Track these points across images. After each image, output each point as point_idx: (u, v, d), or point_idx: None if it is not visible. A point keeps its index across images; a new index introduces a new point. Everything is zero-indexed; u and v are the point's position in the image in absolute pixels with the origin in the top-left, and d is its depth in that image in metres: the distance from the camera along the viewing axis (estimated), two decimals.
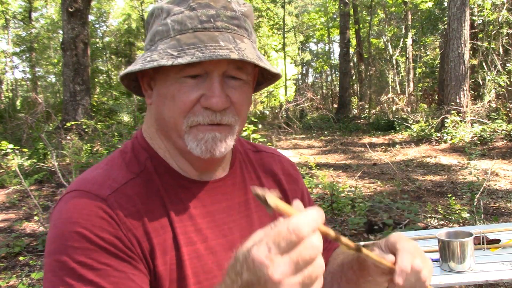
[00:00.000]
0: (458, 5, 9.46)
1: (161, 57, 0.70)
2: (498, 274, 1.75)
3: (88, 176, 0.76)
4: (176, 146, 0.79)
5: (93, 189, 0.72)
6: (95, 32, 24.15)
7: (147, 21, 0.81)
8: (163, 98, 0.76)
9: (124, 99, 12.67)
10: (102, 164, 0.80)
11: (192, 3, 0.73)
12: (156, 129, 0.81)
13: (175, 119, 0.75)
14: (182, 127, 0.75)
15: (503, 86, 10.53)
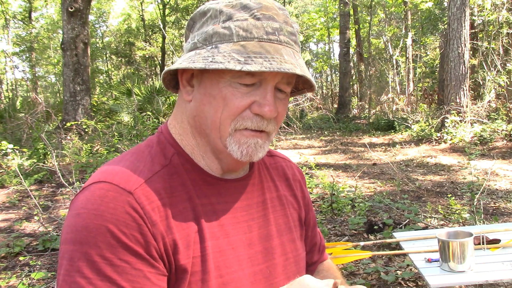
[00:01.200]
0: (458, 5, 9.46)
1: (226, 60, 0.71)
2: (498, 274, 1.75)
3: (114, 168, 0.76)
4: (212, 145, 0.80)
5: (121, 182, 0.72)
6: (95, 32, 24.16)
7: (195, 18, 0.81)
8: (210, 98, 0.76)
9: (124, 99, 12.67)
10: (127, 156, 0.80)
11: (257, 13, 0.75)
12: (191, 126, 0.82)
13: (222, 120, 0.76)
14: (228, 129, 0.77)
15: (503, 86, 10.53)
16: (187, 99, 0.81)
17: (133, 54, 23.54)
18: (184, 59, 0.76)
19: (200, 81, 0.78)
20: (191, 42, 0.79)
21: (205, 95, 0.77)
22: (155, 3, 22.76)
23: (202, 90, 0.78)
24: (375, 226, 4.04)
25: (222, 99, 0.75)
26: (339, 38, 18.02)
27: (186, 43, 0.82)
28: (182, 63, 0.75)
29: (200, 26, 0.79)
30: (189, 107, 0.81)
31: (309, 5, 29.02)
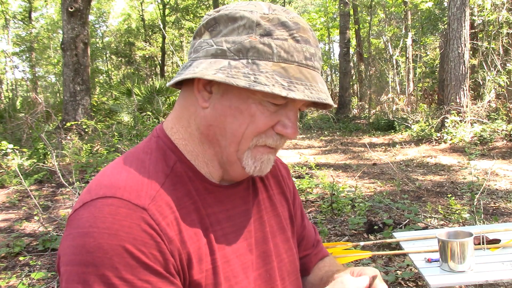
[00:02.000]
0: (458, 5, 9.46)
1: (271, 83, 0.68)
2: (498, 274, 1.75)
3: (118, 181, 0.70)
4: (224, 156, 0.77)
5: (132, 197, 0.67)
6: (95, 32, 24.16)
7: (220, 20, 0.75)
8: (236, 112, 0.73)
9: (124, 99, 12.68)
10: (127, 166, 0.74)
11: (296, 34, 0.72)
12: (200, 132, 0.77)
13: (245, 135, 0.74)
14: (248, 145, 0.76)
15: (503, 86, 10.53)
16: (202, 105, 0.75)
17: (133, 54, 23.55)
18: (214, 68, 0.71)
19: (224, 91, 0.74)
20: (217, 47, 0.73)
21: (229, 107, 0.74)
22: (155, 3, 22.77)
23: (226, 102, 0.74)
24: (375, 226, 4.04)
25: (250, 115, 0.73)
26: (339, 38, 18.02)
27: (201, 42, 0.76)
28: (217, 74, 0.69)
29: (229, 32, 0.73)
30: (203, 113, 0.76)
31: (309, 5, 29.02)
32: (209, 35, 0.75)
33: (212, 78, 0.69)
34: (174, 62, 24.54)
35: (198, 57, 0.74)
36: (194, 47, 0.77)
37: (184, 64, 0.78)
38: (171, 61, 25.09)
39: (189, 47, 0.81)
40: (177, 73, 0.78)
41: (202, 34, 0.76)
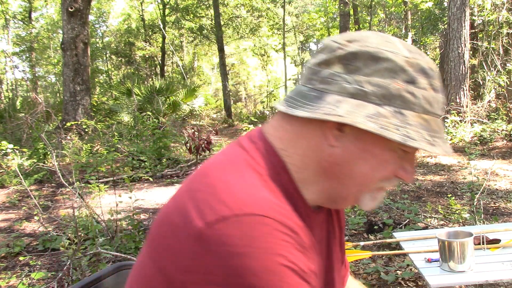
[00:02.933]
0: (458, 5, 9.46)
1: (419, 137, 0.67)
2: (498, 274, 1.75)
3: (255, 196, 0.65)
4: (340, 192, 0.75)
5: (283, 218, 0.64)
6: (95, 32, 24.16)
7: (360, 57, 0.69)
8: (369, 156, 0.71)
9: (124, 99, 12.68)
10: (247, 177, 0.69)
11: (434, 83, 0.70)
12: (321, 167, 0.73)
13: (372, 179, 0.73)
14: (372, 187, 0.75)
15: (503, 86, 10.53)
16: (332, 144, 0.71)
17: (133, 54, 23.55)
18: (362, 114, 0.67)
19: (359, 134, 0.70)
20: (358, 86, 0.68)
21: (363, 150, 0.71)
22: (155, 3, 22.77)
23: (360, 145, 0.70)
24: (375, 226, 4.04)
25: (382, 161, 0.71)
26: None
27: (332, 73, 0.70)
28: (368, 123, 0.66)
29: (371, 73, 0.68)
30: (329, 151, 0.72)
31: (309, 5, 29.01)
32: (344, 69, 0.69)
33: (365, 128, 0.66)
34: (174, 62, 24.53)
35: (330, 91, 0.69)
36: (322, 76, 0.71)
37: (301, 88, 0.73)
38: (171, 61, 25.08)
39: (306, 70, 0.75)
40: (297, 100, 0.73)
41: (332, 65, 0.71)
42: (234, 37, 22.29)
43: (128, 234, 3.75)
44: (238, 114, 20.70)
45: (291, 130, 0.74)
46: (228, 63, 23.43)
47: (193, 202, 0.64)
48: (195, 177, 0.71)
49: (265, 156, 0.73)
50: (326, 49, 0.73)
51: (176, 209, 0.66)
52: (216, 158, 0.75)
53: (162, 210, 0.70)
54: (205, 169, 0.72)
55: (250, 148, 0.73)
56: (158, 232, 0.67)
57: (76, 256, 3.21)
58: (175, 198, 0.70)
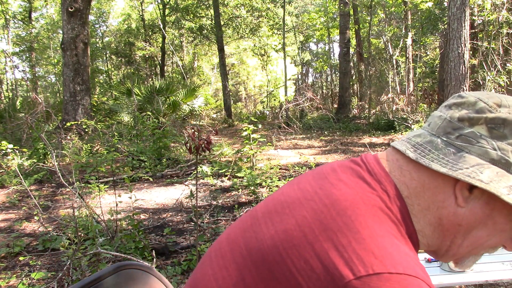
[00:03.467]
0: (458, 5, 9.47)
1: None
2: (498, 274, 1.75)
3: (406, 255, 0.63)
4: (451, 251, 0.75)
5: (428, 280, 0.63)
6: (95, 32, 24.17)
7: (509, 125, 0.68)
8: (490, 223, 0.70)
9: (124, 99, 12.68)
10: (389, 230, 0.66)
11: None
12: (440, 224, 0.72)
13: (485, 245, 0.72)
14: (480, 252, 0.75)
15: (503, 86, 10.53)
16: (460, 204, 0.69)
17: (133, 54, 23.55)
18: (504, 184, 0.65)
19: (489, 199, 0.68)
20: (502, 155, 0.67)
21: (488, 216, 0.69)
22: (155, 3, 22.77)
23: (487, 211, 0.69)
24: None
25: (500, 230, 0.70)
26: (339, 38, 18.03)
27: (474, 133, 0.69)
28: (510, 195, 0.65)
29: None
30: (454, 210, 0.70)
31: (309, 5, 29.02)
32: (488, 132, 0.68)
33: (508, 201, 0.64)
34: (174, 62, 24.53)
35: (469, 151, 0.68)
36: (463, 133, 0.69)
37: (434, 139, 0.72)
38: (171, 61, 25.08)
39: (441, 120, 0.73)
40: (429, 150, 0.71)
41: (476, 124, 0.69)
42: (234, 37, 22.29)
43: (128, 234, 3.75)
44: (238, 114, 20.71)
45: (418, 179, 0.71)
46: (228, 63, 23.45)
47: (335, 245, 0.61)
48: (325, 209, 0.66)
49: (394, 202, 0.69)
50: (469, 105, 0.71)
51: (309, 244, 0.62)
52: (341, 188, 0.70)
53: (282, 235, 0.66)
54: (335, 201, 0.67)
55: (377, 188, 0.70)
56: (280, 261, 0.63)
57: (76, 256, 3.21)
58: (301, 227, 0.65)
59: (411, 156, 0.71)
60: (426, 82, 17.14)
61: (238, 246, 0.70)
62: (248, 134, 6.95)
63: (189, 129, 8.34)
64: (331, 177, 0.73)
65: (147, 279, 1.09)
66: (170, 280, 3.10)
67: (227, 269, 0.69)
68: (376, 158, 0.76)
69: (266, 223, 0.70)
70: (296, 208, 0.69)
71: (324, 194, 0.69)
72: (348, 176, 0.72)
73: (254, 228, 0.71)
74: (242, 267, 0.67)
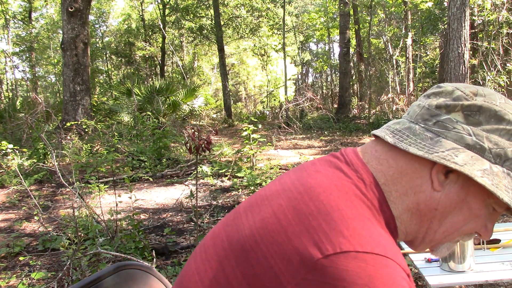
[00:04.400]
0: (458, 5, 9.46)
1: None
2: (498, 274, 1.75)
3: (373, 235, 0.64)
4: (427, 237, 0.76)
5: (401, 262, 0.64)
6: (95, 32, 24.17)
7: (484, 112, 0.71)
8: (465, 207, 0.72)
9: (124, 99, 12.68)
10: (357, 210, 0.67)
11: None
12: (418, 209, 0.73)
13: (460, 230, 0.74)
14: (456, 238, 0.75)
15: (503, 86, 10.53)
16: (436, 188, 0.71)
17: (133, 54, 23.55)
18: (478, 168, 0.67)
19: (464, 183, 0.70)
20: (477, 140, 0.69)
21: (463, 201, 0.71)
22: (155, 3, 22.77)
23: (462, 195, 0.71)
24: None
25: (475, 215, 0.72)
26: (339, 38, 18.03)
27: (450, 119, 0.71)
28: (483, 178, 0.67)
29: (491, 130, 0.69)
30: (431, 194, 0.72)
31: (309, 5, 29.02)
32: (464, 119, 0.70)
33: (481, 182, 0.66)
34: (174, 62, 24.53)
35: (447, 136, 0.70)
36: (440, 120, 0.72)
37: (412, 125, 0.74)
38: (171, 61, 25.08)
39: (420, 108, 0.75)
40: (407, 135, 0.72)
41: (452, 111, 0.71)
42: (234, 37, 22.29)
43: (128, 234, 3.75)
44: (238, 114, 20.70)
45: (395, 166, 0.73)
46: (228, 63, 23.44)
47: (306, 228, 0.62)
48: (299, 196, 0.68)
49: (370, 189, 0.71)
50: (447, 94, 0.74)
51: (283, 229, 0.64)
52: (316, 178, 0.72)
53: (258, 224, 0.67)
54: (310, 188, 0.69)
55: (353, 176, 0.71)
56: (256, 248, 0.64)
57: (76, 256, 3.21)
58: (276, 215, 0.67)
59: (390, 140, 0.73)
60: (426, 82, 17.13)
61: (220, 239, 0.72)
62: (248, 134, 6.95)
63: (189, 129, 8.34)
64: (309, 169, 0.75)
65: (147, 279, 1.09)
66: (170, 280, 3.10)
67: (209, 262, 0.70)
68: (354, 151, 0.78)
69: (247, 215, 0.72)
70: (274, 199, 0.70)
71: (300, 183, 0.71)
72: (326, 168, 0.74)
73: (236, 222, 0.73)
74: (223, 258, 0.68)
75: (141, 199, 5.77)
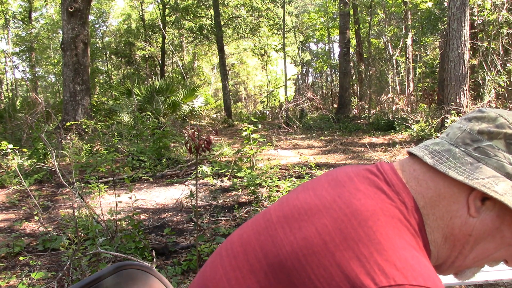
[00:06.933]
0: (458, 5, 9.46)
1: None
2: (498, 274, 1.75)
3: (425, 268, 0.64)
4: (456, 262, 0.77)
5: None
6: (95, 32, 24.16)
7: None
8: (497, 235, 0.72)
9: (124, 99, 12.68)
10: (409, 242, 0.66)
11: None
12: (452, 234, 0.73)
13: (490, 257, 0.74)
14: (484, 265, 0.76)
15: (503, 86, 10.53)
16: (472, 215, 0.71)
17: (133, 54, 23.55)
18: None
19: (500, 212, 0.70)
20: None
21: (497, 229, 0.71)
22: (155, 3, 22.77)
23: (497, 223, 0.71)
24: None
25: (508, 244, 0.72)
26: (339, 38, 18.03)
27: (492, 146, 0.71)
28: None
29: None
30: (466, 220, 0.71)
31: (309, 5, 29.02)
32: (506, 147, 0.70)
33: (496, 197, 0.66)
34: (174, 62, 24.53)
35: (486, 163, 0.69)
36: (481, 145, 0.71)
37: (452, 148, 0.73)
38: (171, 61, 25.08)
39: (461, 131, 0.74)
40: (447, 158, 0.72)
41: (495, 138, 0.71)
42: (234, 37, 22.29)
43: (128, 234, 3.75)
44: (238, 114, 20.71)
45: (434, 188, 0.72)
46: (228, 63, 23.44)
47: (356, 255, 0.61)
48: (345, 218, 0.66)
49: (412, 214, 0.70)
50: (489, 120, 0.73)
51: (330, 253, 0.62)
52: (360, 198, 0.70)
53: (301, 242, 0.65)
54: (356, 211, 0.67)
55: (395, 199, 0.70)
56: (299, 267, 0.63)
57: (76, 256, 3.21)
58: (321, 235, 0.65)
59: (429, 162, 0.72)
60: (426, 82, 17.13)
61: (253, 248, 0.70)
62: (248, 134, 6.95)
63: (189, 129, 8.34)
64: (349, 186, 0.73)
65: (147, 279, 1.09)
66: (170, 280, 3.10)
67: (240, 270, 0.69)
68: (392, 168, 0.76)
69: (284, 228, 0.70)
70: (315, 215, 0.68)
71: (343, 203, 0.69)
72: (366, 186, 0.72)
73: (270, 232, 0.71)
74: (257, 270, 0.66)
75: (141, 199, 5.77)
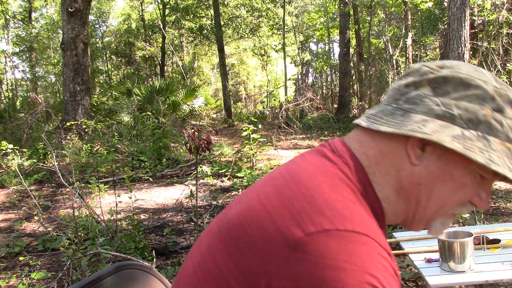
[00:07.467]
0: (458, 5, 9.46)
1: (502, 163, 0.68)
2: (498, 274, 1.75)
3: (355, 214, 0.65)
4: (417, 215, 0.75)
5: (381, 241, 0.64)
6: (95, 32, 24.16)
7: (450, 81, 0.71)
8: (448, 178, 0.71)
9: (124, 99, 12.68)
10: (342, 193, 0.68)
11: None
12: (402, 187, 0.74)
13: (449, 202, 0.73)
14: (448, 212, 0.75)
15: None
16: (414, 163, 0.72)
17: (133, 54, 23.55)
18: (448, 134, 0.68)
19: (441, 154, 0.71)
20: (445, 109, 0.70)
21: (444, 171, 0.71)
22: (155, 3, 22.77)
23: (442, 165, 0.71)
24: None
25: (462, 184, 0.72)
26: (339, 38, 18.03)
27: (419, 95, 0.72)
28: (453, 143, 0.67)
29: (460, 97, 0.70)
30: (410, 170, 0.72)
31: (309, 5, 29.01)
32: (432, 92, 0.72)
33: (451, 147, 0.67)
34: (174, 62, 24.52)
35: (416, 111, 0.71)
36: (409, 97, 0.73)
37: (385, 107, 0.75)
38: (171, 61, 25.08)
39: (392, 91, 0.77)
40: (380, 117, 0.74)
41: (420, 87, 0.73)
42: (234, 37, 22.29)
43: (128, 234, 3.75)
44: (238, 114, 20.70)
45: (375, 146, 0.75)
46: (228, 63, 23.43)
47: (290, 211, 0.64)
48: (284, 183, 0.70)
49: (354, 173, 0.72)
50: (415, 72, 0.75)
51: (268, 214, 0.65)
52: (302, 165, 0.73)
53: (245, 211, 0.69)
54: (295, 175, 0.71)
55: (338, 162, 0.73)
56: (243, 234, 0.66)
57: (76, 256, 3.21)
58: (262, 202, 0.68)
59: (364, 124, 0.75)
60: None
61: (212, 232, 0.73)
62: (248, 134, 6.95)
63: (189, 129, 8.34)
64: (297, 159, 0.78)
65: (147, 279, 1.09)
66: (170, 280, 3.10)
67: (202, 255, 0.72)
68: (341, 139, 0.80)
69: (236, 205, 0.74)
70: (260, 188, 0.72)
71: (286, 171, 0.74)
72: (313, 156, 0.76)
73: (225, 212, 0.75)
74: (214, 249, 0.69)
75: (141, 199, 5.77)
